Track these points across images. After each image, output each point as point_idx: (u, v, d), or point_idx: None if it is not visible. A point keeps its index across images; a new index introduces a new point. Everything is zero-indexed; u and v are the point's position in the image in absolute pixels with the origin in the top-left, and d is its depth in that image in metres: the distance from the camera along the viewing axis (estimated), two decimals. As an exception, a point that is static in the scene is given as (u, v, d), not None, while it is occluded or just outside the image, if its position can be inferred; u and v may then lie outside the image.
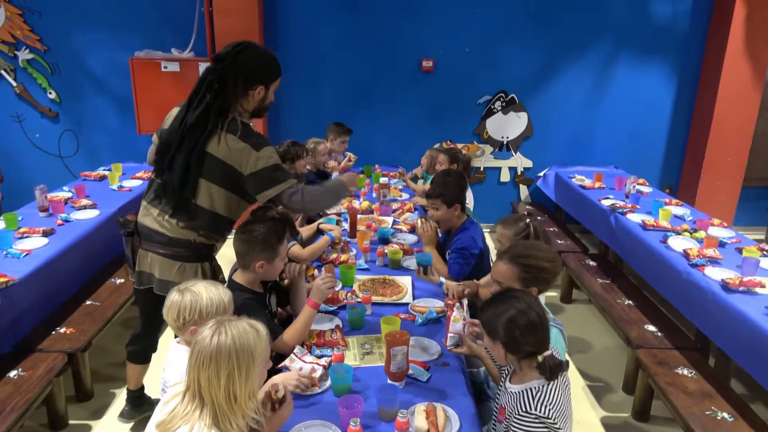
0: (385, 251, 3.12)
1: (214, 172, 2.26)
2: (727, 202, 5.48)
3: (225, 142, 2.22)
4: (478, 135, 5.62)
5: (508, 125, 5.56)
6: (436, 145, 5.56)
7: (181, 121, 2.26)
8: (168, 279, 2.37)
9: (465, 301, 2.17)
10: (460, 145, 5.57)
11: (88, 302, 3.33)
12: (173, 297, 1.83)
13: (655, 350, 3.02)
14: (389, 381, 2.01)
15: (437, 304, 2.62)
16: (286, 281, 2.51)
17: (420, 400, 1.92)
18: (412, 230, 3.64)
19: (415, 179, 5.01)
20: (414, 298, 2.70)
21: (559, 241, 4.61)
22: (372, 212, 3.96)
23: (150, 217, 2.39)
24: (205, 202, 2.32)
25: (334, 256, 3.10)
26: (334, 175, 4.51)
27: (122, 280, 3.63)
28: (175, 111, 2.40)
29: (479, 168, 5.72)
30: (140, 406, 2.94)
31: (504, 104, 5.49)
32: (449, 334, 2.11)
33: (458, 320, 2.10)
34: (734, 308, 2.75)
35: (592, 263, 4.23)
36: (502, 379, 1.89)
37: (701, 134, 5.45)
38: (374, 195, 4.46)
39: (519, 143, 5.64)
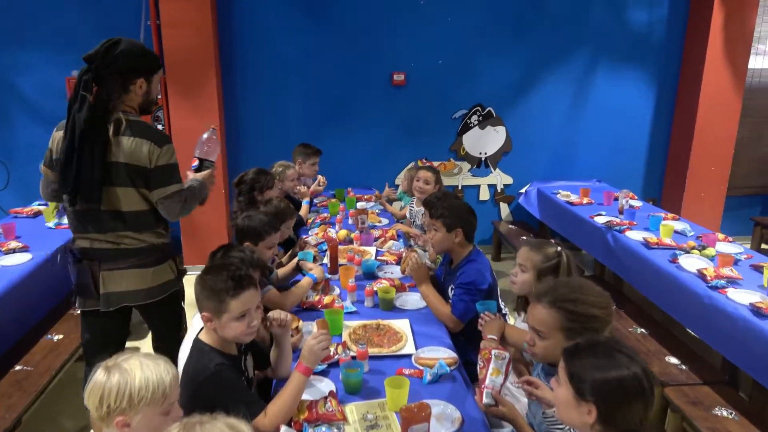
0: (375, 289, 2.70)
1: (125, 178, 2.24)
2: (712, 213, 5.32)
3: (123, 145, 2.20)
4: (454, 152, 5.28)
5: (486, 140, 5.26)
6: (411, 164, 5.20)
7: (71, 131, 2.16)
8: (143, 287, 2.35)
9: (508, 353, 1.76)
10: (436, 164, 5.23)
11: (17, 368, 2.77)
12: (97, 377, 1.37)
13: (685, 387, 2.68)
14: (406, 468, 1.58)
15: (447, 354, 2.21)
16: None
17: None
18: (399, 261, 3.23)
19: (390, 201, 4.62)
20: (416, 347, 2.28)
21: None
22: (351, 242, 3.53)
23: (96, 242, 2.31)
24: (134, 206, 2.29)
25: (316, 298, 2.66)
26: (305, 201, 4.07)
27: (60, 336, 3.07)
28: (58, 134, 2.29)
29: (457, 186, 5.37)
30: None
31: (481, 118, 5.18)
32: (485, 389, 1.69)
33: (498, 373, 1.70)
34: (770, 335, 2.46)
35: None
36: None
37: (683, 144, 5.29)
38: (350, 222, 4.04)
39: (498, 159, 5.34)
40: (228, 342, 1.80)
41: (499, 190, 5.41)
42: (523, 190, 5.32)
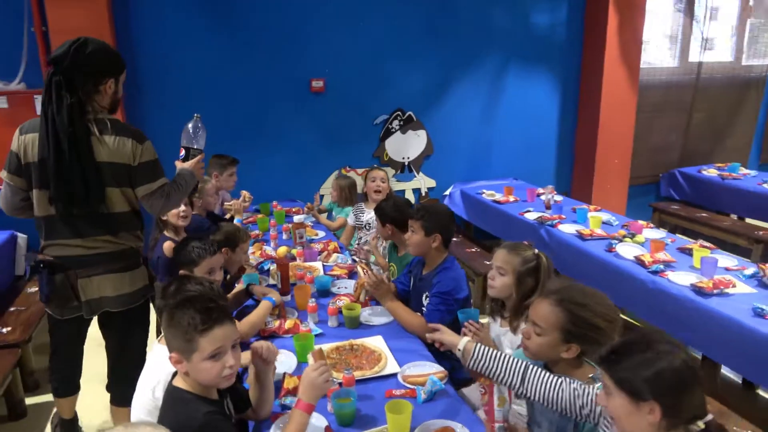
0: (340, 308, 2.52)
1: (111, 178, 2.22)
2: (617, 202, 5.69)
3: (106, 144, 2.19)
4: (378, 158, 5.20)
5: (408, 145, 5.23)
6: (335, 173, 5.05)
7: (54, 134, 2.11)
8: (123, 292, 2.33)
9: None
10: (360, 171, 5.11)
11: None
12: None
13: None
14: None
15: (435, 369, 2.10)
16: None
17: None
18: (351, 275, 3.08)
19: (327, 213, 4.43)
20: (400, 364, 2.15)
21: (486, 262, 4.32)
22: (294, 259, 3.31)
23: (69, 248, 2.26)
24: (118, 208, 2.26)
25: (276, 324, 2.43)
26: (238, 219, 3.78)
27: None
28: (27, 138, 2.21)
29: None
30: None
31: (402, 123, 5.15)
32: (496, 425, 1.60)
33: (504, 401, 1.61)
34: (718, 313, 2.62)
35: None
36: None
37: (589, 139, 5.61)
38: (285, 237, 3.81)
39: (420, 163, 5.34)
40: (204, 387, 1.56)
41: (423, 194, 5.40)
42: (447, 192, 5.36)
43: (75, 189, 2.15)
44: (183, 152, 2.51)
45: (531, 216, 4.21)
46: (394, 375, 2.08)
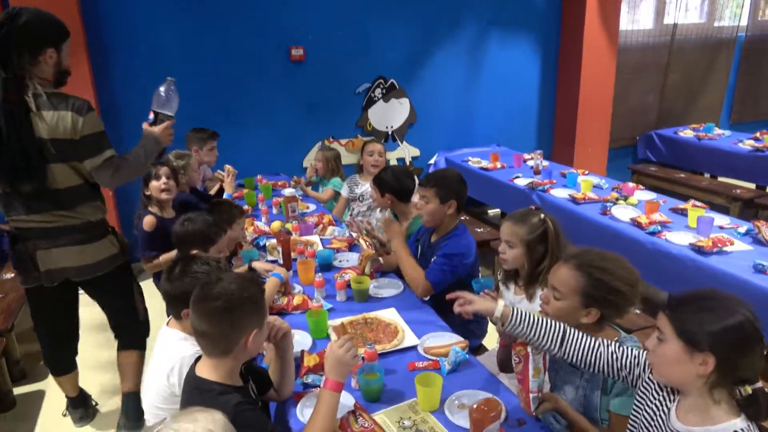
0: (348, 282, 2.46)
1: (55, 154, 2.17)
2: (598, 165, 5.73)
3: (45, 120, 2.13)
4: (361, 128, 5.09)
5: (392, 113, 5.13)
6: (318, 144, 4.93)
7: None
8: (86, 263, 2.35)
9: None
10: (343, 141, 5.00)
11: None
12: None
13: (649, 329, 2.82)
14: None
15: (455, 339, 2.07)
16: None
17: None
18: (351, 247, 3.01)
19: (314, 186, 4.32)
20: (418, 336, 2.11)
21: (478, 230, 4.31)
22: (290, 233, 3.21)
23: (31, 223, 2.25)
24: (68, 182, 2.24)
25: (284, 301, 2.35)
26: (227, 194, 3.63)
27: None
28: None
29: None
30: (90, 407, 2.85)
31: (384, 91, 5.03)
32: (531, 395, 1.57)
33: (539, 372, 1.57)
34: (720, 271, 2.66)
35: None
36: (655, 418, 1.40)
37: (570, 103, 5.60)
38: (275, 211, 3.70)
39: (404, 131, 5.25)
40: (235, 372, 1.49)
41: (408, 163, 5.33)
42: (431, 161, 5.30)
43: (17, 166, 2.12)
44: (152, 116, 2.41)
45: (521, 182, 4.19)
46: (414, 347, 2.04)
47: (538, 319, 1.56)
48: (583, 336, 1.53)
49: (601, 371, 1.51)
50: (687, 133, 5.89)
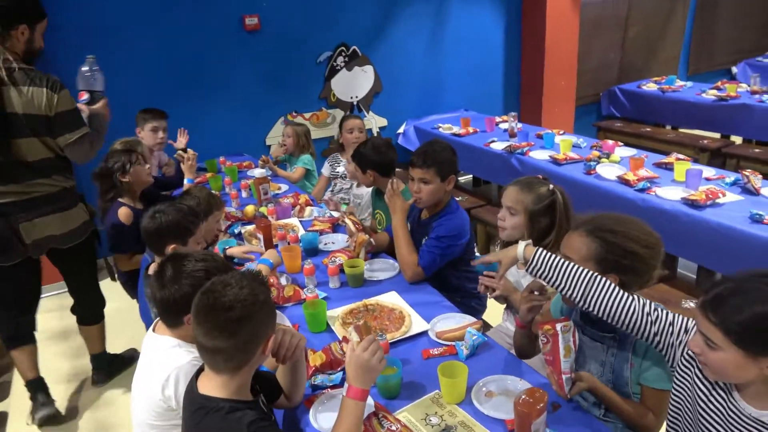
0: (340, 266, 2.27)
1: (25, 129, 2.23)
2: (565, 124, 5.67)
3: (19, 94, 2.19)
4: (325, 99, 4.82)
5: (356, 83, 4.88)
6: (281, 119, 4.65)
7: None
8: (69, 229, 2.48)
9: (570, 321, 1.49)
10: (307, 115, 4.73)
11: None
12: None
13: (644, 290, 2.76)
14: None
15: (468, 320, 1.93)
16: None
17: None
18: (336, 227, 2.82)
19: (282, 164, 4.06)
20: (426, 320, 1.95)
21: (457, 198, 4.17)
22: (266, 217, 2.98)
23: (7, 195, 2.29)
24: (39, 155, 2.30)
25: (274, 293, 2.15)
26: (188, 179, 3.35)
27: None
28: None
29: (333, 137, 4.96)
30: (109, 366, 2.97)
31: (347, 59, 4.77)
32: (564, 376, 1.44)
33: (569, 351, 1.44)
34: (716, 223, 2.62)
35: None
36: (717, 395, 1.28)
37: (535, 63, 5.48)
38: (245, 195, 3.45)
39: (370, 101, 5.01)
40: (244, 385, 1.30)
41: (375, 134, 5.12)
42: (400, 130, 5.11)
43: None
44: (86, 96, 2.43)
45: (498, 146, 4.06)
46: (424, 333, 1.89)
47: (563, 262, 1.42)
48: (612, 286, 1.38)
49: (630, 329, 1.38)
50: (650, 87, 5.89)
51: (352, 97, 4.91)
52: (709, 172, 3.18)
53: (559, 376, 1.45)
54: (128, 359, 3.07)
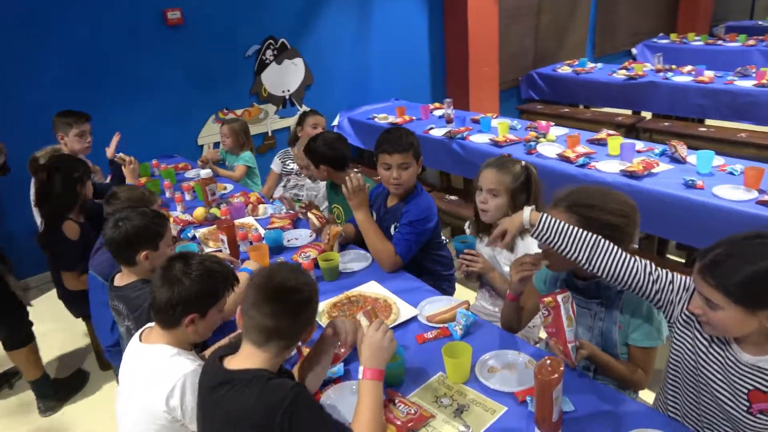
0: (315, 261, 2.22)
1: None
2: (492, 109, 5.86)
3: None
4: (256, 95, 4.68)
5: (286, 76, 4.77)
6: (211, 118, 4.46)
7: None
8: None
9: (567, 290, 1.55)
10: (239, 112, 4.57)
11: None
12: None
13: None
14: (545, 436, 1.34)
15: (455, 301, 1.95)
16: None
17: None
18: (297, 222, 2.75)
19: (218, 163, 3.90)
20: (412, 305, 1.96)
21: (400, 187, 4.21)
22: (218, 219, 2.86)
23: None
24: None
25: (249, 294, 2.06)
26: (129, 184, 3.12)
27: None
28: None
29: (267, 133, 4.83)
30: (56, 392, 2.77)
31: (276, 52, 4.65)
32: (569, 345, 1.49)
33: (571, 320, 1.50)
34: (656, 192, 2.81)
35: (462, 200, 3.97)
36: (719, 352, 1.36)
37: (459, 50, 5.61)
38: (188, 197, 3.29)
39: (302, 95, 4.92)
40: (279, 365, 1.34)
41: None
42: (335, 123, 5.07)
43: None
44: None
45: (437, 133, 4.13)
46: (414, 318, 1.90)
47: (567, 226, 1.46)
48: (615, 248, 1.45)
49: (633, 288, 1.45)
50: (564, 70, 6.21)
51: (283, 91, 4.80)
52: (639, 145, 3.40)
53: (564, 346, 1.50)
54: (78, 381, 2.85)
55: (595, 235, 1.45)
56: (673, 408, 1.50)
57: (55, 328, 3.37)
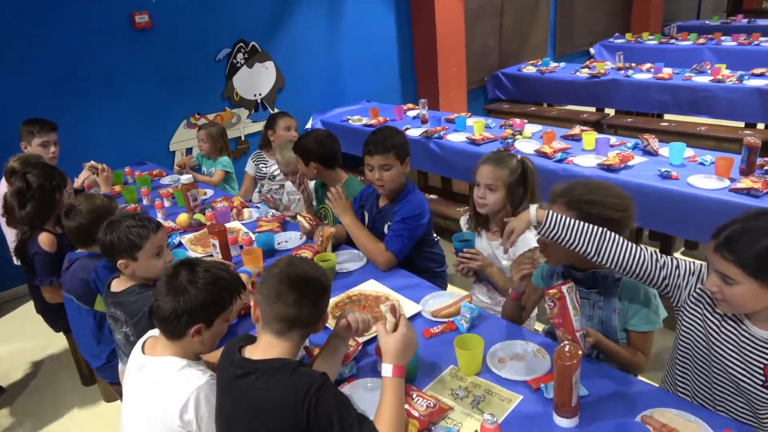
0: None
1: None
2: (461, 108, 5.93)
3: None
4: (228, 99, 4.61)
5: (258, 80, 4.72)
6: (183, 123, 4.37)
7: None
8: None
9: (571, 285, 1.55)
10: (211, 116, 4.50)
11: None
12: None
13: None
14: (565, 421, 1.38)
15: (458, 295, 1.98)
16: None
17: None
18: (285, 224, 2.73)
19: (195, 169, 3.83)
20: (415, 302, 1.98)
21: (378, 187, 4.22)
22: (202, 224, 2.80)
23: None
24: None
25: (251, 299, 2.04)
26: (105, 194, 3.04)
27: None
28: None
29: (240, 138, 4.76)
30: None
31: (247, 56, 4.59)
32: (578, 334, 1.50)
33: (577, 309, 1.52)
34: (635, 184, 2.90)
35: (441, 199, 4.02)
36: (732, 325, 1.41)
37: (429, 51, 5.66)
38: (168, 204, 3.21)
39: (274, 98, 4.88)
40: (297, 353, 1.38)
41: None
42: (308, 126, 5.03)
43: None
44: None
45: (413, 133, 4.16)
46: (418, 314, 1.92)
47: (574, 222, 1.50)
48: (622, 240, 1.49)
49: (641, 277, 1.50)
50: (529, 69, 6.36)
51: (255, 95, 4.75)
52: (612, 139, 3.52)
53: (573, 335, 1.51)
54: None
55: (601, 228, 1.49)
56: (683, 388, 1.56)
57: (35, 345, 3.26)
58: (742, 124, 4.96)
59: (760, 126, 4.94)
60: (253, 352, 1.32)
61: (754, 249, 1.25)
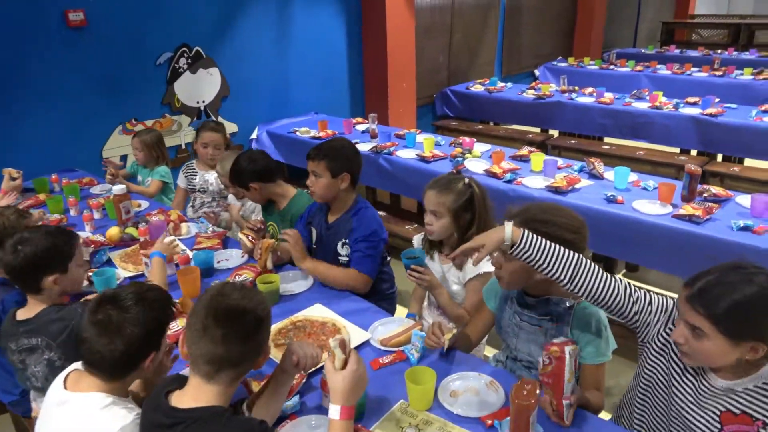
0: (253, 284, 2.07)
1: None
2: (410, 124, 5.92)
3: None
4: (168, 105, 4.38)
5: (201, 86, 4.51)
6: (118, 128, 4.11)
7: None
8: None
9: (576, 348, 1.44)
10: (149, 123, 4.26)
11: None
12: None
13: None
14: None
15: (408, 322, 1.89)
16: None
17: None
18: (226, 241, 2.58)
19: (130, 178, 3.59)
20: (365, 328, 1.88)
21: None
22: (136, 239, 2.61)
23: None
24: None
25: (182, 324, 1.88)
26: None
27: None
28: None
29: (180, 146, 4.53)
30: None
31: (190, 61, 4.39)
32: (564, 401, 1.40)
33: (572, 374, 1.41)
34: (583, 207, 2.91)
35: (390, 215, 3.94)
36: (694, 378, 1.37)
37: (379, 66, 5.62)
38: (98, 216, 2.98)
39: (218, 106, 4.68)
40: (229, 398, 1.23)
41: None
42: (253, 136, 4.87)
43: None
44: None
45: (363, 147, 4.07)
46: (366, 342, 1.82)
47: (549, 245, 1.42)
48: (597, 268, 1.44)
49: (613, 309, 1.45)
50: (477, 88, 6.43)
51: (198, 102, 4.54)
52: (559, 161, 3.56)
53: (559, 402, 1.41)
54: None
55: (576, 254, 1.44)
56: (639, 425, 1.52)
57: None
58: (677, 150, 5.18)
59: (694, 152, 5.16)
60: (180, 399, 1.19)
61: (725, 303, 1.20)
